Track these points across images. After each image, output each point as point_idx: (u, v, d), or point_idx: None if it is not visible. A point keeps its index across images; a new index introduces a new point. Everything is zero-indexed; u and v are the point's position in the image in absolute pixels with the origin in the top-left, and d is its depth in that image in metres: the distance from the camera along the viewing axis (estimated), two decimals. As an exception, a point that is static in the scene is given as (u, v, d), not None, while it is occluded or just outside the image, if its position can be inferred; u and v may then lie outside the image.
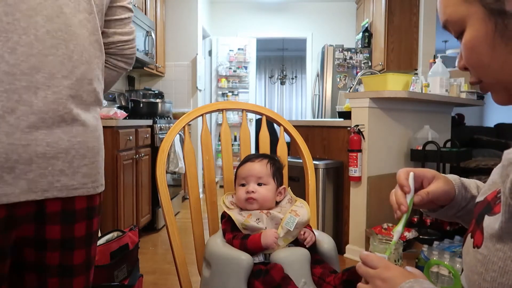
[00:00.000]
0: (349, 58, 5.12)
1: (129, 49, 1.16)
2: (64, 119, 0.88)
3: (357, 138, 2.73)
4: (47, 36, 0.86)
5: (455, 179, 0.79)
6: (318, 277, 1.05)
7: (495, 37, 0.54)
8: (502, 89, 0.57)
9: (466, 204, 0.79)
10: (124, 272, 1.73)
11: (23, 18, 0.83)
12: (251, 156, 1.20)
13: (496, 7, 0.53)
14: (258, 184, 1.14)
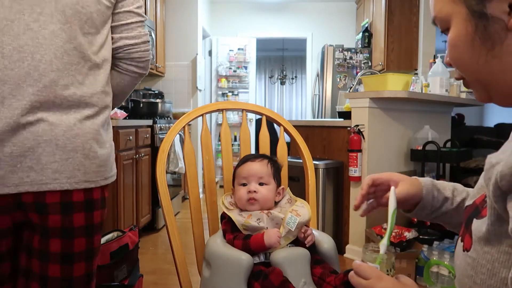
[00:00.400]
0: (349, 58, 5.12)
1: (136, 52, 1.19)
2: (29, 122, 0.97)
3: (357, 138, 2.73)
4: (13, 52, 0.97)
5: (425, 181, 0.83)
6: (318, 277, 1.05)
7: (475, 38, 0.56)
8: (481, 88, 0.59)
9: (440, 206, 0.81)
10: (124, 272, 1.73)
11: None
12: (251, 156, 1.20)
13: (478, 9, 0.54)
14: (259, 184, 1.14)
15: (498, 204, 0.49)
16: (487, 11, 0.54)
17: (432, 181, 0.84)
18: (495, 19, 0.53)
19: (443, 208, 0.82)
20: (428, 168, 3.01)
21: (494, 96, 0.58)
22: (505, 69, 0.54)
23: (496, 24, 0.53)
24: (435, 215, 0.83)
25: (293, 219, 1.07)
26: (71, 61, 1.02)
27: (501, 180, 0.47)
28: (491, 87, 0.58)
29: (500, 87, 0.56)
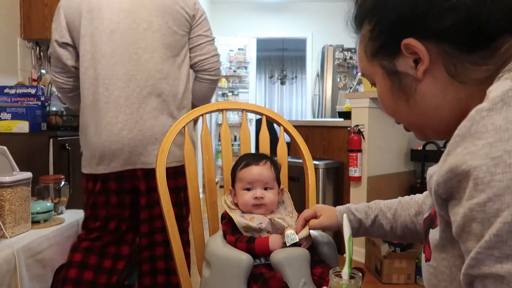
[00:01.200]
0: (349, 58, 5.12)
1: (207, 64, 1.66)
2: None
3: (357, 138, 2.73)
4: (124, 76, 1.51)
5: (340, 209, 1.01)
6: (318, 276, 1.04)
7: (393, 92, 0.63)
8: (416, 129, 0.66)
9: (359, 226, 0.98)
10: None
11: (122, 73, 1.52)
12: (252, 158, 1.17)
13: (390, 68, 0.62)
14: (264, 189, 1.13)
15: (443, 211, 0.52)
16: (398, 69, 0.61)
17: (348, 207, 1.00)
18: (405, 74, 0.60)
19: (362, 227, 0.98)
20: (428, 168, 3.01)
21: (428, 134, 0.65)
22: (429, 113, 0.61)
23: (406, 78, 0.60)
24: (361, 233, 0.99)
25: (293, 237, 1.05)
26: (161, 77, 1.54)
27: (438, 189, 0.50)
28: (424, 127, 0.64)
29: (431, 126, 0.63)
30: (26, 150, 2.10)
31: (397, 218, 0.94)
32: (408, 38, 0.57)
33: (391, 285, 2.44)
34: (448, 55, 0.57)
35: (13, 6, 2.69)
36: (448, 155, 0.49)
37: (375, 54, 0.64)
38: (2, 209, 1.30)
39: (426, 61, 0.57)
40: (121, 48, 1.49)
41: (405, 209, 0.94)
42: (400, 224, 0.94)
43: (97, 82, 1.49)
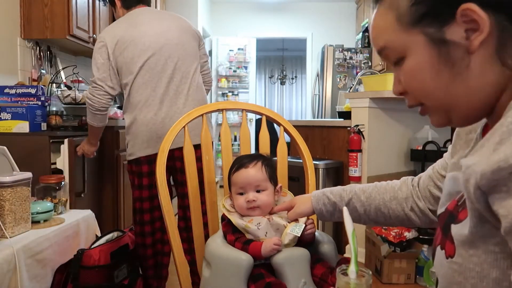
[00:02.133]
0: (349, 58, 5.12)
1: (207, 77, 2.22)
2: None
3: (357, 138, 2.73)
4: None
5: (315, 192, 1.01)
6: (319, 277, 1.04)
7: (439, 63, 0.56)
8: (443, 112, 0.60)
9: (334, 209, 0.98)
10: (124, 272, 1.73)
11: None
12: (244, 161, 1.16)
13: (437, 36, 0.55)
14: (257, 191, 1.13)
15: (480, 204, 0.49)
16: (447, 37, 0.55)
17: (323, 191, 1.00)
18: (456, 44, 0.54)
19: (337, 210, 0.97)
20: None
21: (454, 119, 0.60)
22: (470, 92, 0.56)
23: (457, 49, 0.55)
24: (336, 216, 0.98)
25: (298, 226, 1.06)
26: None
27: (481, 180, 0.47)
28: (453, 110, 0.59)
29: (462, 109, 0.58)
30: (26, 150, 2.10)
31: (371, 202, 0.95)
32: (468, 3, 0.52)
33: (391, 285, 2.44)
34: (502, 29, 0.52)
35: (13, 6, 2.69)
36: (501, 144, 0.46)
37: (419, 21, 0.56)
38: (2, 209, 1.31)
39: (486, 30, 0.52)
40: (162, 59, 1.96)
41: (380, 193, 0.95)
42: (374, 207, 0.94)
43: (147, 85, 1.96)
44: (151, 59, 1.92)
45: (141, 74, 1.91)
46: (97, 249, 1.59)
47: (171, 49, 1.95)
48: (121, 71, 1.94)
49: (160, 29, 1.96)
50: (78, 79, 2.89)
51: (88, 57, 3.64)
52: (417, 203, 0.89)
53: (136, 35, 1.92)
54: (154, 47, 1.93)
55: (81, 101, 2.74)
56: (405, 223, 0.92)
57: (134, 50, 1.90)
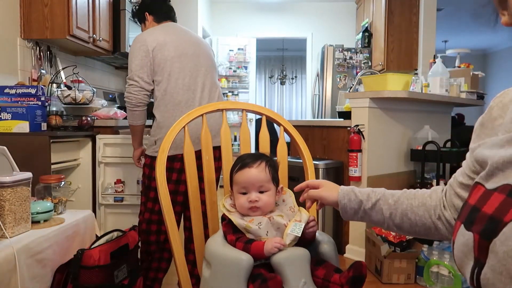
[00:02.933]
0: (349, 58, 5.12)
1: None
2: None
3: (357, 138, 2.73)
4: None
5: (343, 187, 1.01)
6: (322, 278, 1.04)
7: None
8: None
9: (358, 207, 0.96)
10: (124, 272, 1.73)
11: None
12: (248, 160, 1.16)
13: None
14: (259, 192, 1.13)
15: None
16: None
17: (353, 187, 1.00)
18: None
19: (362, 209, 0.96)
20: (428, 168, 3.01)
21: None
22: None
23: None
24: (360, 215, 0.97)
25: (299, 226, 1.06)
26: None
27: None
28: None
29: None
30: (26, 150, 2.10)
31: (398, 206, 0.92)
32: None
33: (391, 285, 2.44)
34: None
35: (13, 6, 2.69)
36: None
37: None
38: (2, 209, 1.30)
39: None
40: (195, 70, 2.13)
41: (408, 198, 0.92)
42: (401, 211, 0.91)
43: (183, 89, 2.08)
44: (189, 64, 2.08)
45: (181, 76, 2.06)
46: (97, 249, 1.58)
47: (202, 59, 2.15)
48: (158, 68, 2.04)
49: (192, 40, 2.17)
50: (78, 79, 2.89)
51: (88, 57, 3.64)
52: (443, 213, 0.86)
53: (175, 39, 2.09)
54: (190, 53, 2.11)
55: (81, 101, 2.74)
56: (431, 232, 0.88)
57: (174, 51, 2.06)
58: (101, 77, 4.03)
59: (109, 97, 3.92)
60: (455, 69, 3.53)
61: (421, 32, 4.51)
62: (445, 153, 2.87)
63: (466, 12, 6.64)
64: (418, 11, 4.56)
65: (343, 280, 0.99)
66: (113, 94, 4.03)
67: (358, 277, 0.98)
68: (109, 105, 3.43)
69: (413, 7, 4.58)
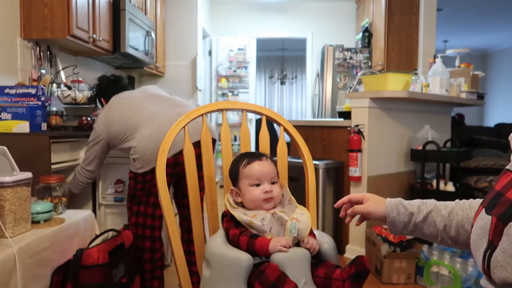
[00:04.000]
0: (349, 58, 5.12)
1: None
2: None
3: (357, 138, 2.73)
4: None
5: (390, 200, 0.95)
6: (323, 277, 1.04)
7: None
8: None
9: (409, 220, 0.91)
10: (122, 270, 1.73)
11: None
12: (254, 156, 1.20)
13: None
14: (271, 183, 1.16)
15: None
16: None
17: (400, 200, 0.94)
18: None
19: (412, 222, 0.91)
20: (428, 168, 3.01)
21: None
22: None
23: None
24: (410, 229, 0.92)
25: (293, 225, 1.08)
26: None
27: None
28: None
29: None
30: (26, 150, 2.10)
31: (453, 217, 0.87)
32: None
33: (391, 285, 2.44)
34: None
35: (13, 6, 2.69)
36: None
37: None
38: (2, 209, 1.31)
39: None
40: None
41: (463, 209, 0.87)
42: (456, 223, 0.86)
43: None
44: (156, 100, 2.19)
45: (148, 124, 2.09)
46: (95, 248, 1.59)
47: (159, 96, 2.25)
48: (124, 137, 2.08)
49: (148, 92, 2.30)
50: (78, 79, 2.89)
51: (88, 57, 3.64)
52: None
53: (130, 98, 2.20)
54: (153, 94, 2.24)
55: (80, 101, 2.74)
56: None
57: (126, 122, 2.08)
58: (101, 77, 4.03)
59: (109, 97, 3.92)
60: (455, 69, 3.53)
61: (421, 32, 4.51)
62: (445, 153, 2.87)
63: (466, 12, 6.64)
64: (418, 11, 4.56)
65: (345, 275, 0.99)
66: (113, 94, 4.03)
67: (361, 272, 0.97)
68: (109, 105, 3.43)
69: (413, 7, 4.58)
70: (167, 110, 2.07)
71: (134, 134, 2.03)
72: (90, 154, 2.17)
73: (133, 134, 2.03)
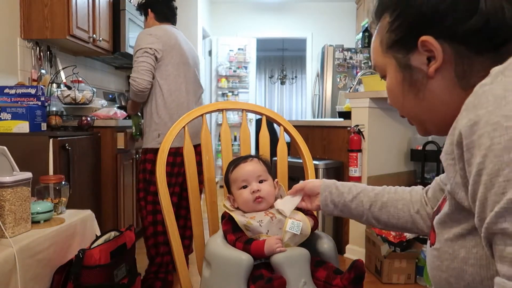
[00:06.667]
0: (349, 58, 5.12)
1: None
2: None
3: (357, 138, 2.73)
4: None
5: (326, 180, 1.03)
6: (324, 281, 1.04)
7: (404, 85, 0.66)
8: (418, 123, 0.69)
9: (339, 200, 0.98)
10: (123, 271, 1.73)
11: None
12: (240, 159, 1.19)
13: (404, 61, 0.64)
14: (259, 182, 1.14)
15: (460, 167, 0.53)
16: (411, 63, 0.63)
17: (335, 181, 1.02)
18: (417, 69, 0.63)
19: (342, 201, 0.98)
20: (428, 168, 3.01)
21: (429, 129, 0.69)
22: (432, 108, 0.64)
23: (418, 73, 0.63)
24: (340, 208, 0.99)
25: (297, 224, 1.06)
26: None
27: (459, 133, 0.52)
28: (425, 122, 0.68)
29: (432, 122, 0.67)
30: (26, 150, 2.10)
31: (379, 198, 0.95)
32: (426, 36, 0.60)
33: (391, 285, 2.44)
34: (459, 56, 0.59)
35: (13, 6, 2.69)
36: (455, 125, 0.54)
37: (391, 46, 0.65)
38: (2, 209, 1.31)
39: (440, 59, 0.60)
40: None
41: (389, 192, 0.96)
42: (381, 203, 0.95)
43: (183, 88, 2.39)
44: (188, 72, 2.40)
45: (184, 81, 2.36)
46: (97, 248, 1.59)
47: (195, 67, 2.49)
48: (164, 70, 2.31)
49: (190, 49, 2.49)
50: (78, 79, 2.89)
51: (88, 57, 3.64)
52: (425, 208, 0.91)
53: (180, 48, 2.37)
54: (189, 62, 2.42)
55: (81, 101, 2.74)
56: (408, 226, 0.93)
57: (179, 58, 2.34)
58: (101, 77, 4.03)
59: (109, 97, 3.92)
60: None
61: (421, 32, 4.51)
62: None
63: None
64: (418, 11, 4.56)
65: (345, 282, 0.99)
66: (113, 94, 4.03)
67: (359, 276, 0.98)
68: (109, 105, 3.43)
69: (413, 7, 4.58)
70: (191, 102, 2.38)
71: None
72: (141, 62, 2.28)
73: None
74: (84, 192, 2.54)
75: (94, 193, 2.65)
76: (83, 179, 2.51)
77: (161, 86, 2.30)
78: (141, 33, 2.35)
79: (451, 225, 0.58)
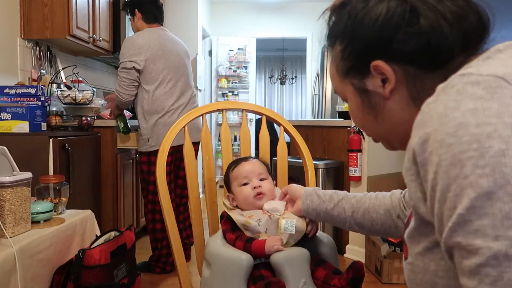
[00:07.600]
0: (349, 58, 5.12)
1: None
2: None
3: (357, 138, 2.74)
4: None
5: (307, 188, 1.05)
6: (322, 281, 1.04)
7: (363, 108, 0.68)
8: (385, 141, 0.72)
9: (321, 208, 1.00)
10: (123, 271, 1.73)
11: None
12: (241, 159, 1.21)
13: (360, 86, 0.66)
14: (260, 180, 1.15)
15: (419, 183, 0.55)
16: (367, 87, 0.65)
17: (316, 189, 1.04)
18: (373, 92, 0.65)
19: (324, 209, 1.00)
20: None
21: (395, 145, 0.71)
22: (393, 127, 0.67)
23: (375, 96, 0.65)
24: (322, 217, 1.01)
25: (290, 223, 1.06)
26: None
27: (413, 151, 0.54)
28: (390, 140, 0.71)
29: (396, 139, 0.70)
30: (26, 150, 2.10)
31: (361, 205, 0.97)
32: (377, 60, 0.62)
33: (391, 285, 2.44)
34: (411, 76, 0.61)
35: (13, 6, 2.69)
36: (410, 142, 0.57)
37: (346, 73, 0.68)
38: (2, 209, 1.31)
39: (393, 81, 0.62)
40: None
41: (370, 198, 0.98)
42: (363, 210, 0.96)
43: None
44: (176, 73, 2.46)
45: (168, 85, 2.43)
46: (97, 248, 1.59)
47: (183, 69, 2.52)
48: (149, 76, 2.39)
49: (177, 51, 2.51)
50: (78, 79, 2.89)
51: (88, 57, 3.64)
52: (404, 212, 0.92)
53: (166, 52, 2.43)
54: (176, 65, 2.47)
55: (80, 101, 2.74)
56: (391, 231, 0.95)
57: (164, 63, 2.40)
58: (101, 77, 4.03)
59: (109, 97, 3.92)
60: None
61: (421, 32, 4.51)
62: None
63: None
64: (418, 11, 4.56)
65: (343, 282, 1.00)
66: (113, 94, 4.04)
67: (357, 277, 0.98)
68: (109, 105, 3.43)
69: (413, 7, 4.58)
70: (185, 105, 2.47)
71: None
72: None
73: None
74: (84, 192, 2.54)
75: (94, 193, 2.65)
76: (83, 179, 2.51)
77: (147, 92, 2.41)
78: (126, 41, 2.42)
79: (419, 239, 0.60)
